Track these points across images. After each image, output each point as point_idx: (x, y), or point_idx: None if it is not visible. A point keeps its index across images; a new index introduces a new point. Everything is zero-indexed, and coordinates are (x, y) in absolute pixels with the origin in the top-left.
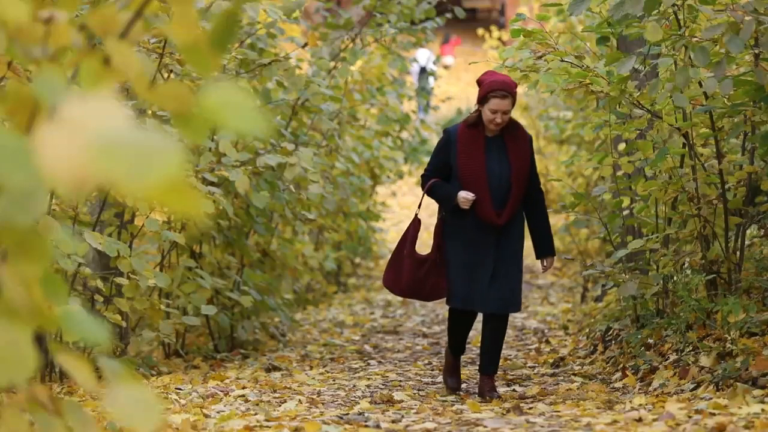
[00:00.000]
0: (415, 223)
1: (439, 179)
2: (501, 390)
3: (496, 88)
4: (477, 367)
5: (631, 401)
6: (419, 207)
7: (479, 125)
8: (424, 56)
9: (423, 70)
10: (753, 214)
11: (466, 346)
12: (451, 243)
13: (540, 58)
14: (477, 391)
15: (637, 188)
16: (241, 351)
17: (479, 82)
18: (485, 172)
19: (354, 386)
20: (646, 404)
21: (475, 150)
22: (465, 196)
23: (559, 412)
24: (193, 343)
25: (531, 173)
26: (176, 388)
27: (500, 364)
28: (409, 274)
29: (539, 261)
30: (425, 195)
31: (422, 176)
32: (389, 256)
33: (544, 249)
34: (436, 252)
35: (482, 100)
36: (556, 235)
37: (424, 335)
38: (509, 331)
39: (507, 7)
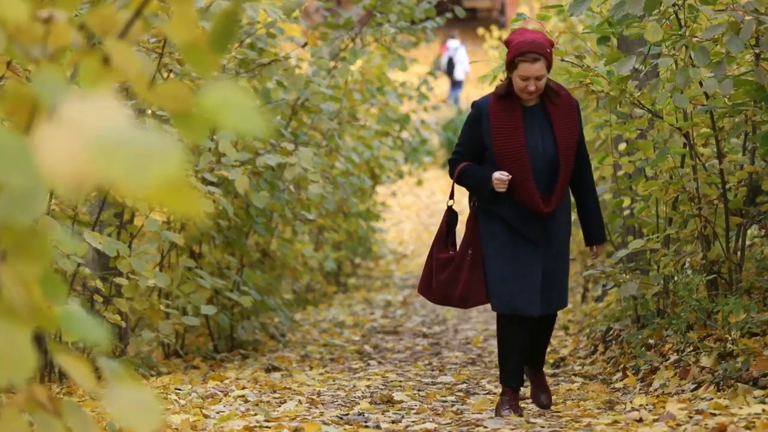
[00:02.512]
0: (446, 216)
1: (470, 162)
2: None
3: (525, 50)
4: (477, 367)
5: (631, 401)
6: (451, 197)
7: (512, 94)
8: (453, 46)
9: (450, 60)
10: (754, 214)
11: (466, 345)
12: (489, 237)
13: None
14: (529, 394)
15: (638, 188)
16: (240, 351)
17: (507, 43)
18: (526, 150)
19: (354, 386)
20: (647, 404)
21: (512, 124)
22: (500, 177)
23: (559, 412)
24: (193, 344)
25: (579, 147)
26: (176, 389)
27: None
28: (436, 278)
29: (588, 249)
30: (455, 182)
31: (450, 160)
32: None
33: (595, 235)
34: (466, 250)
35: (510, 65)
36: None
37: (425, 335)
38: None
39: (507, 7)
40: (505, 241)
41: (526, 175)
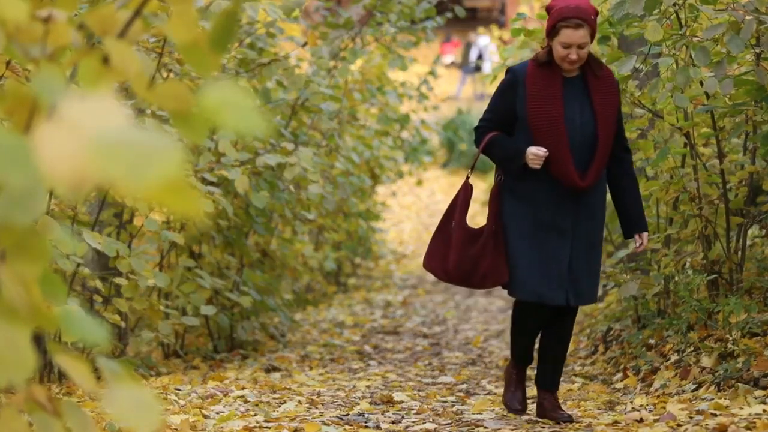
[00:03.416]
0: (466, 189)
1: (499, 132)
2: (502, 390)
3: (568, 15)
4: (477, 368)
5: (632, 402)
6: (471, 169)
7: (552, 63)
8: (483, 43)
9: (480, 56)
10: (754, 214)
11: (466, 345)
12: (515, 214)
13: None
14: (535, 410)
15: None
16: (240, 351)
17: (548, 9)
18: (564, 122)
19: (354, 387)
20: (647, 405)
21: (550, 93)
22: (536, 152)
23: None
24: (193, 344)
25: (618, 126)
26: (175, 389)
27: (500, 364)
28: (458, 252)
29: (632, 239)
30: (480, 152)
31: (476, 128)
32: (433, 232)
33: (636, 224)
34: (491, 226)
35: (551, 32)
36: None
37: (425, 336)
38: (509, 332)
39: (507, 7)
40: (531, 223)
41: (562, 147)
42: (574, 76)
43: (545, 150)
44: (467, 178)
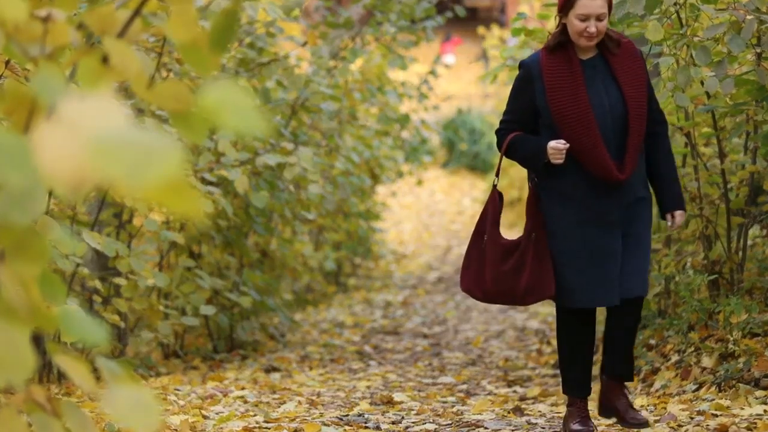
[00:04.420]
0: (494, 198)
1: (520, 132)
2: (502, 391)
3: None
4: (478, 368)
5: (633, 402)
6: (497, 175)
7: (567, 45)
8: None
9: None
10: (755, 214)
11: (466, 346)
12: (555, 216)
13: None
14: (598, 409)
15: None
16: (240, 352)
17: None
18: (590, 109)
19: (354, 387)
20: (648, 405)
21: (571, 80)
22: (555, 146)
23: (560, 413)
24: (192, 344)
25: (650, 101)
26: (175, 389)
27: (500, 365)
28: (493, 268)
29: (665, 218)
30: (504, 156)
31: (496, 131)
32: (466, 250)
33: (673, 200)
34: (529, 235)
35: (565, 5)
36: None
37: (425, 336)
38: (509, 332)
39: (507, 6)
40: (576, 223)
41: (594, 139)
42: (592, 56)
43: (565, 142)
44: (494, 186)
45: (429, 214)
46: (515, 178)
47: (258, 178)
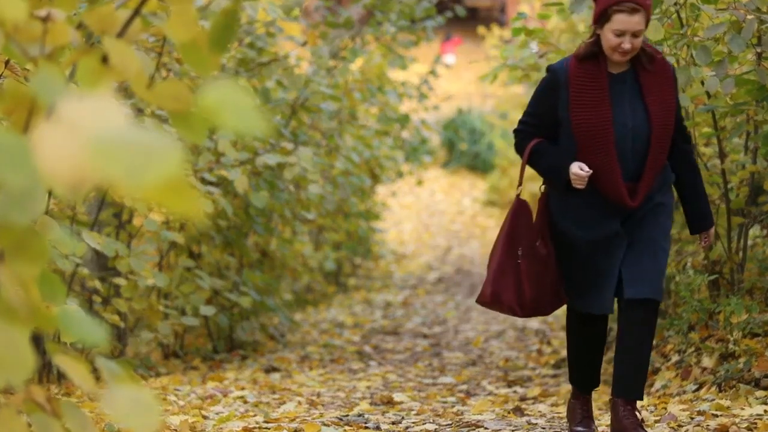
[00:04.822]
0: (522, 210)
1: (541, 140)
2: (502, 391)
3: None
4: (479, 368)
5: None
6: (520, 182)
7: (598, 57)
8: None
9: None
10: (756, 214)
11: (466, 346)
12: (561, 229)
13: (541, 56)
14: (611, 427)
15: None
16: (240, 352)
17: None
18: (611, 128)
19: (354, 387)
20: (648, 405)
21: (596, 94)
22: (578, 173)
23: (560, 413)
24: (192, 344)
25: (677, 123)
26: (175, 389)
27: (501, 365)
28: (534, 283)
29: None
30: (525, 164)
31: (516, 132)
32: (488, 267)
33: (701, 221)
34: (538, 238)
35: (601, 17)
36: None
37: (425, 336)
38: (510, 332)
39: (508, 6)
40: (579, 237)
41: (610, 160)
42: (623, 71)
43: (588, 170)
44: (517, 196)
45: (429, 214)
46: (515, 178)
47: (258, 178)
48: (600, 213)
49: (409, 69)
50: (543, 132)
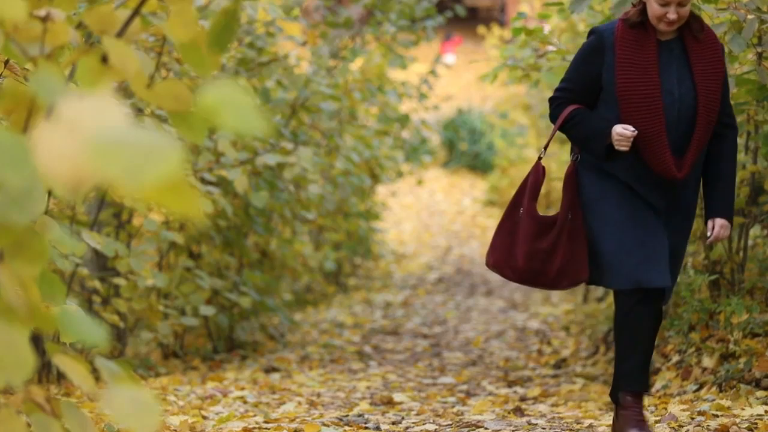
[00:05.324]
0: (537, 171)
1: (580, 106)
2: (502, 391)
3: None
4: (479, 368)
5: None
6: (545, 148)
7: (646, 23)
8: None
9: None
10: (756, 214)
11: (466, 346)
12: (598, 198)
13: (541, 56)
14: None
15: None
16: (240, 352)
17: None
18: (660, 93)
19: (354, 387)
20: (649, 406)
21: (644, 60)
22: (622, 132)
23: (560, 413)
24: (192, 344)
25: (723, 98)
26: (174, 390)
27: (501, 365)
28: (527, 245)
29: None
30: (558, 129)
31: (551, 99)
32: (498, 224)
33: (721, 207)
34: (566, 214)
35: None
36: None
37: (425, 336)
38: (510, 332)
39: (508, 6)
40: (621, 201)
41: (658, 128)
42: (671, 38)
43: (633, 129)
44: (539, 159)
45: (429, 214)
46: (516, 178)
47: (258, 178)
48: (644, 183)
49: (409, 69)
50: (581, 99)
